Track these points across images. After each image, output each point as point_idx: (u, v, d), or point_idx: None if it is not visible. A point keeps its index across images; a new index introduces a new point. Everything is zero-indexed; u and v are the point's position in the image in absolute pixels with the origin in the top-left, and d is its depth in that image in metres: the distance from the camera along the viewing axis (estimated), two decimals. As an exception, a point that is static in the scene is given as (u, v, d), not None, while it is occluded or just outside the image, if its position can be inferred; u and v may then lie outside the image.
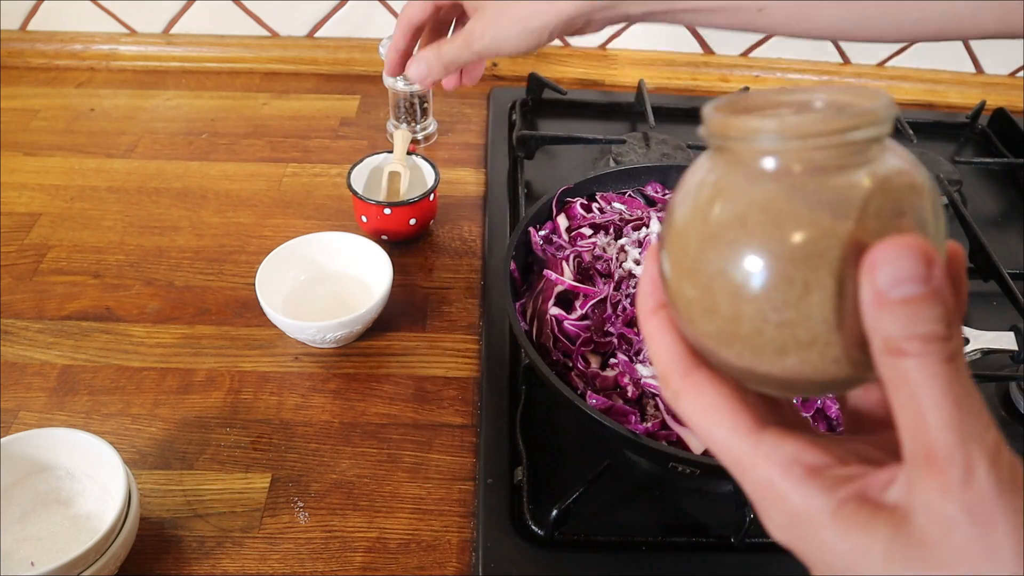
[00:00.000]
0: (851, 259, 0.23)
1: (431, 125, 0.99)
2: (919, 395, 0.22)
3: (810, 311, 0.24)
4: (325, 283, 0.75)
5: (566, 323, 0.62)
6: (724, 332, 0.26)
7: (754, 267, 0.24)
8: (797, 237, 0.23)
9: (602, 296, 0.64)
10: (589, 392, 0.57)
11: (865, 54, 1.14)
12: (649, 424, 0.55)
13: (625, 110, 1.05)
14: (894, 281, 0.22)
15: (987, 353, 0.68)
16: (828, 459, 0.25)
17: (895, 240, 0.22)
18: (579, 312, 0.63)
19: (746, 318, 0.25)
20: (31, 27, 1.09)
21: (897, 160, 0.25)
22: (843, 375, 0.25)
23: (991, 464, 0.22)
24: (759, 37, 1.12)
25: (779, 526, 0.26)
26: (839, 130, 0.23)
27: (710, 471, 0.52)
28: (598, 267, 0.67)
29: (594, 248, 0.68)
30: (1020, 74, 1.16)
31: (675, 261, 0.27)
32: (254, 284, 0.69)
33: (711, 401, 0.27)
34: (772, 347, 0.25)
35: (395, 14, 1.09)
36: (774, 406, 0.29)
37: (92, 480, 0.55)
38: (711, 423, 0.27)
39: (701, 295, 0.26)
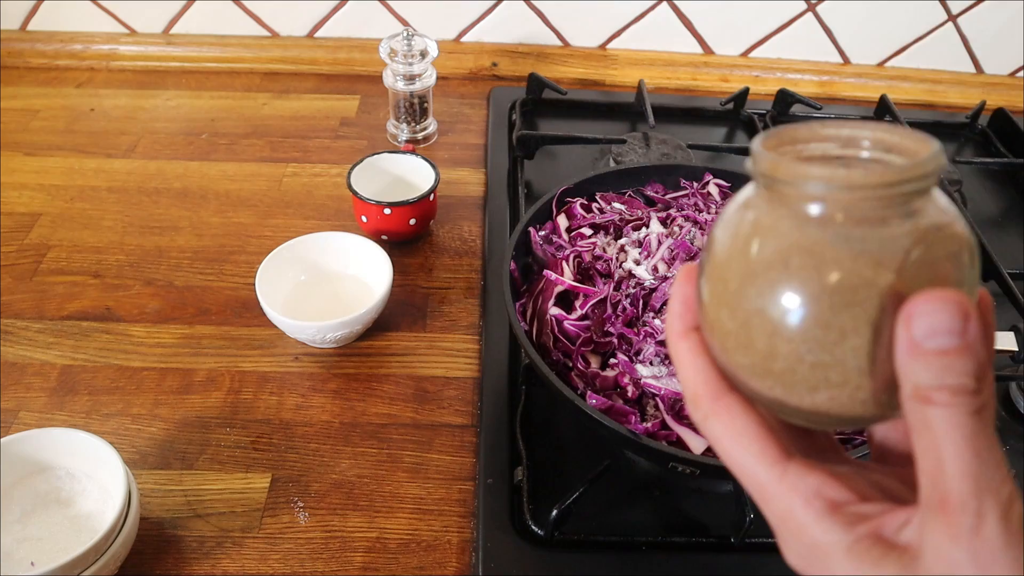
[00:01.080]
0: (889, 306, 0.24)
1: (431, 125, 0.99)
2: (941, 443, 0.23)
3: (844, 356, 0.24)
4: (325, 283, 0.75)
5: (566, 323, 0.62)
6: (758, 366, 0.26)
7: (793, 308, 0.25)
8: (838, 284, 0.24)
9: (602, 296, 0.64)
10: (589, 392, 0.57)
11: (865, 54, 1.14)
12: (649, 424, 0.55)
13: (625, 110, 1.05)
14: (930, 332, 0.23)
15: (987, 353, 0.68)
16: (849, 495, 0.26)
17: (934, 293, 0.23)
18: (579, 312, 0.63)
19: (781, 356, 0.25)
20: (31, 27, 1.09)
21: (939, 210, 0.25)
22: (869, 414, 0.26)
23: (1002, 516, 0.23)
24: (759, 37, 1.12)
25: (795, 554, 0.27)
26: (888, 184, 0.23)
27: (710, 471, 0.52)
28: (598, 267, 0.67)
29: (594, 248, 0.68)
30: (1020, 74, 1.16)
31: (714, 291, 0.27)
32: (254, 284, 0.69)
33: (740, 427, 0.28)
34: (804, 385, 0.26)
35: (395, 14, 1.09)
36: (803, 430, 0.30)
37: (92, 480, 0.55)
38: (739, 449, 0.28)
39: (738, 328, 0.26)
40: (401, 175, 0.84)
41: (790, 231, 0.25)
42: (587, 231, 0.72)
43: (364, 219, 0.80)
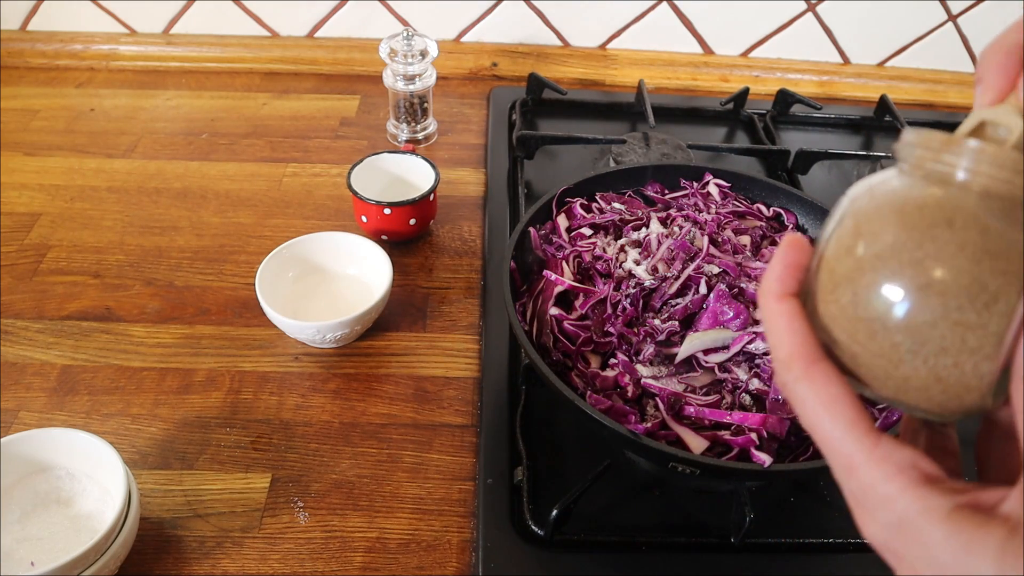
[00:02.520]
0: None
1: (431, 125, 0.99)
2: None
3: (989, 319, 0.25)
4: (325, 283, 0.75)
5: (566, 323, 0.62)
6: (888, 322, 0.27)
7: (953, 265, 0.25)
8: (999, 251, 0.25)
9: (602, 296, 0.64)
10: (589, 392, 0.57)
11: (865, 54, 1.14)
12: (649, 424, 0.55)
13: (625, 110, 1.05)
14: None
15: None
16: (942, 473, 0.26)
17: None
18: (579, 312, 0.63)
19: (928, 309, 0.26)
20: (31, 27, 1.09)
21: None
22: (972, 396, 0.27)
23: None
24: (759, 37, 1.12)
25: (881, 525, 0.27)
26: None
27: (710, 471, 0.52)
28: (598, 267, 0.67)
29: (594, 248, 0.68)
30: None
31: (851, 248, 0.28)
32: (254, 284, 0.69)
33: (835, 394, 0.27)
34: (936, 345, 0.26)
35: (395, 14, 1.09)
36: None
37: (92, 480, 0.55)
38: (829, 415, 0.27)
39: (882, 281, 0.27)
40: (401, 175, 0.84)
41: (954, 199, 0.26)
42: (587, 231, 0.72)
43: (364, 219, 0.80)
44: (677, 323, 0.61)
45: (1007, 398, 0.26)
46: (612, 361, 0.61)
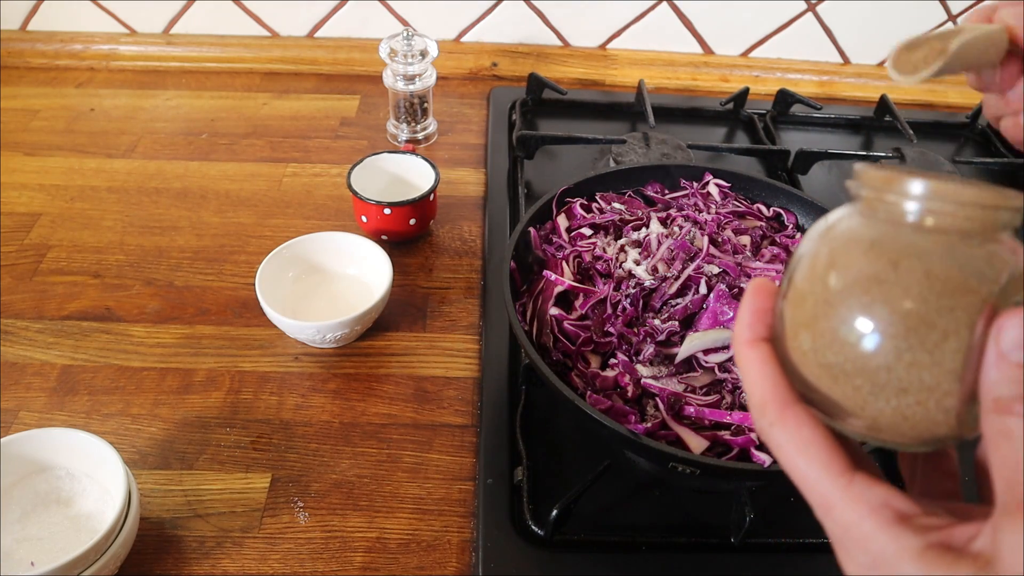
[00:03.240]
0: (983, 319, 0.26)
1: (431, 125, 0.99)
2: (1021, 450, 0.24)
3: (943, 357, 0.26)
4: (325, 283, 0.75)
5: (566, 323, 0.62)
6: (848, 364, 0.27)
7: (899, 307, 0.26)
8: (946, 289, 0.26)
9: (602, 296, 0.64)
10: (589, 392, 0.57)
11: (865, 54, 1.14)
12: (649, 424, 0.55)
13: (625, 110, 1.05)
14: (1015, 345, 0.24)
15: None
16: (915, 508, 0.27)
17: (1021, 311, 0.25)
18: (579, 312, 0.63)
19: (881, 353, 0.26)
20: (31, 27, 1.09)
21: (1013, 246, 0.27)
22: (943, 430, 0.27)
23: None
24: (759, 37, 1.13)
25: (858, 565, 0.27)
26: (994, 205, 0.26)
27: (710, 471, 0.52)
28: (598, 267, 0.67)
29: (594, 248, 0.68)
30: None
31: (807, 292, 0.28)
32: (254, 284, 0.69)
33: (807, 436, 0.28)
34: (895, 387, 0.26)
35: (395, 14, 1.09)
36: (857, 456, 0.30)
37: (92, 480, 0.55)
38: (804, 458, 0.28)
39: (831, 329, 0.27)
40: (401, 175, 0.84)
41: (900, 239, 0.27)
42: (587, 231, 0.72)
43: (364, 219, 0.80)
44: (677, 323, 0.61)
45: None
46: (612, 361, 0.61)
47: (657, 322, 0.61)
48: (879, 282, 0.26)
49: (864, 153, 0.98)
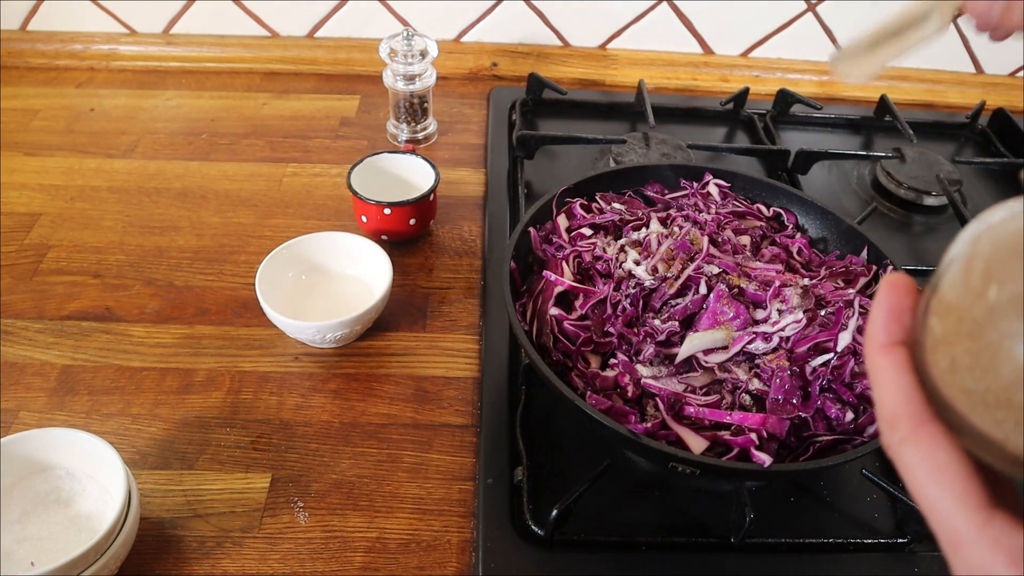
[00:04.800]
0: None
1: (431, 125, 0.99)
2: None
3: None
4: (325, 283, 0.75)
5: (566, 323, 0.62)
6: (992, 396, 0.24)
7: None
8: None
9: (602, 296, 0.64)
10: (589, 392, 0.57)
11: (865, 54, 1.14)
12: (649, 424, 0.55)
13: (625, 110, 1.05)
14: None
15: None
16: None
17: None
18: (579, 312, 0.63)
19: None
20: (31, 27, 1.09)
21: None
22: None
23: None
24: (759, 37, 1.12)
25: None
26: None
27: (710, 471, 0.52)
28: (598, 267, 0.67)
29: (594, 248, 0.68)
30: (1020, 74, 1.16)
31: (953, 304, 0.25)
32: (254, 284, 0.69)
33: (944, 460, 0.25)
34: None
35: (395, 14, 1.09)
36: (999, 487, 0.27)
37: (92, 480, 0.55)
38: (937, 485, 0.25)
39: (980, 351, 0.24)
40: (401, 175, 0.84)
41: None
42: (587, 231, 0.71)
43: (364, 219, 0.80)
44: (677, 323, 0.61)
45: None
46: (612, 361, 0.61)
47: (657, 322, 0.61)
48: None
49: (864, 153, 0.98)
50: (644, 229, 0.71)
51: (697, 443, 0.55)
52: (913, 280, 0.28)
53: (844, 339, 0.59)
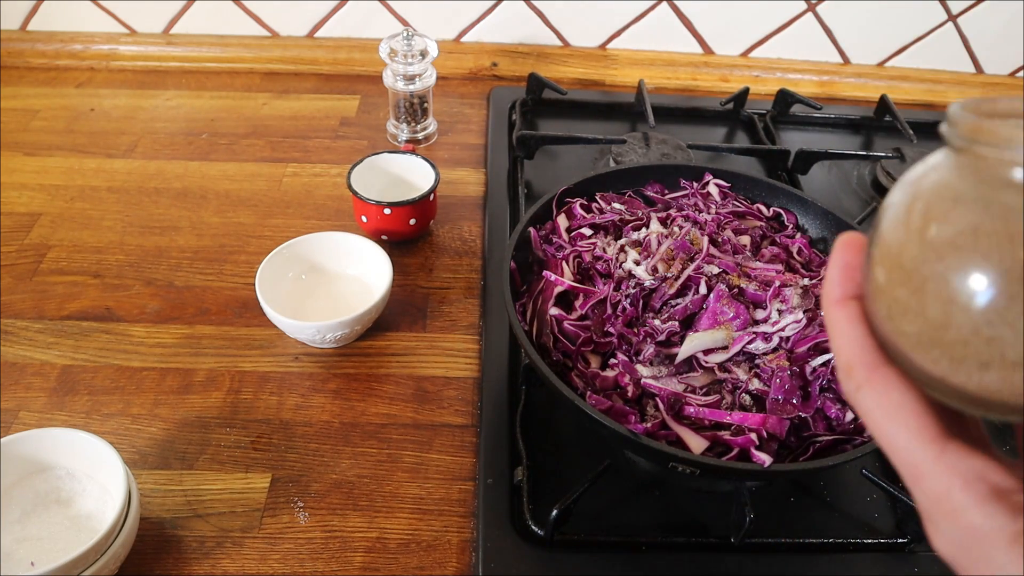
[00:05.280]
0: None
1: (431, 125, 0.99)
2: None
3: None
4: (325, 283, 0.75)
5: (566, 323, 0.62)
6: (926, 337, 0.25)
7: (979, 279, 0.24)
8: None
9: (602, 296, 0.64)
10: (589, 392, 0.57)
11: (865, 54, 1.14)
12: (649, 424, 0.55)
13: (625, 110, 1.05)
14: None
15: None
16: (1014, 483, 0.25)
17: None
18: (579, 312, 0.63)
19: (955, 327, 0.24)
20: (31, 27, 1.09)
21: None
22: None
23: None
24: (759, 37, 1.12)
25: (947, 539, 0.26)
26: None
27: (710, 471, 0.52)
28: (598, 267, 0.67)
29: (594, 248, 0.68)
30: (1020, 74, 1.16)
31: (888, 256, 0.26)
32: (254, 284, 0.69)
33: (897, 400, 0.26)
34: (975, 361, 0.24)
35: (395, 14, 1.09)
36: (956, 419, 0.28)
37: (92, 480, 0.55)
38: (894, 423, 0.26)
39: (910, 295, 0.25)
40: (401, 175, 0.84)
41: (985, 197, 0.24)
42: (587, 231, 0.71)
43: (364, 219, 0.80)
44: (677, 323, 0.61)
45: None
46: (612, 361, 0.61)
47: (657, 322, 0.61)
48: (957, 249, 0.24)
49: (864, 153, 0.98)
50: (644, 229, 0.71)
51: (697, 443, 0.55)
52: (865, 240, 0.29)
53: (844, 339, 0.59)
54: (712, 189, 0.78)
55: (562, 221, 0.72)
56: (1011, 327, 0.23)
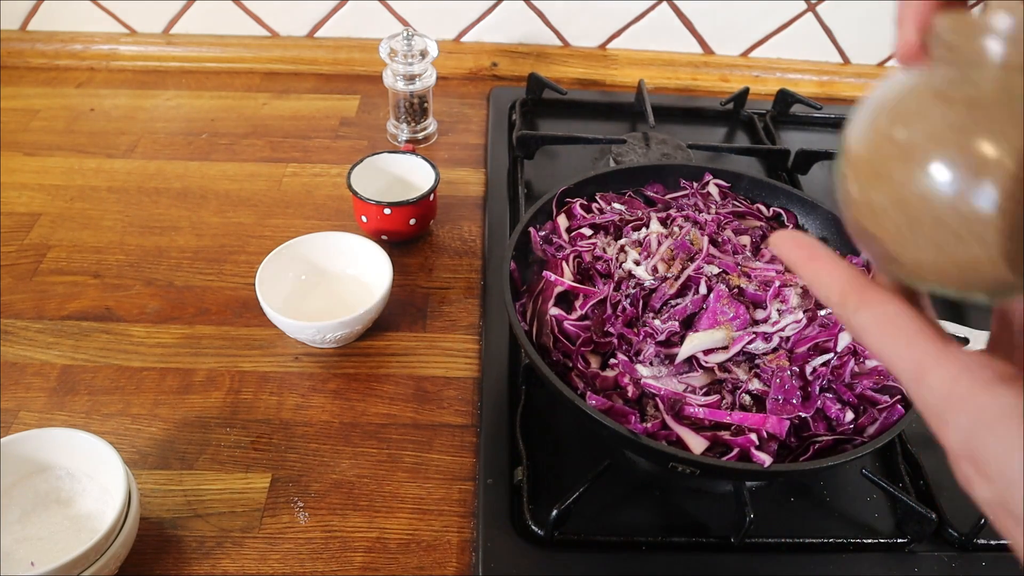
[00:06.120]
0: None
1: (431, 125, 0.99)
2: None
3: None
4: (325, 283, 0.75)
5: (566, 323, 0.62)
6: (905, 226, 0.26)
7: (941, 164, 0.25)
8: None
9: (602, 296, 0.64)
10: (589, 392, 0.57)
11: (865, 54, 1.14)
12: (649, 424, 0.55)
13: (625, 110, 1.05)
14: None
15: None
16: (1016, 371, 0.25)
17: None
18: (579, 312, 0.63)
19: (929, 208, 0.25)
20: (31, 27, 1.09)
21: None
22: (1009, 277, 0.25)
23: None
24: (759, 37, 1.12)
25: (958, 429, 0.25)
26: None
27: (710, 471, 0.52)
28: (598, 267, 0.67)
29: (594, 248, 0.68)
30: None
31: (858, 165, 0.28)
32: (254, 284, 0.69)
33: (893, 311, 0.27)
34: (951, 234, 0.25)
35: (395, 14, 1.09)
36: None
37: (92, 480, 0.55)
38: (894, 330, 0.27)
39: (884, 193, 0.26)
40: (401, 175, 0.84)
41: (969, 79, 0.25)
42: (587, 231, 0.72)
43: (364, 219, 0.80)
44: (677, 323, 0.61)
45: None
46: (612, 361, 0.61)
47: (657, 322, 0.61)
48: (986, 118, 0.25)
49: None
50: (644, 229, 0.71)
51: (697, 443, 0.55)
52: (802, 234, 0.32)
53: (844, 339, 0.59)
54: (712, 189, 0.78)
55: (562, 221, 0.72)
56: (981, 193, 0.24)
